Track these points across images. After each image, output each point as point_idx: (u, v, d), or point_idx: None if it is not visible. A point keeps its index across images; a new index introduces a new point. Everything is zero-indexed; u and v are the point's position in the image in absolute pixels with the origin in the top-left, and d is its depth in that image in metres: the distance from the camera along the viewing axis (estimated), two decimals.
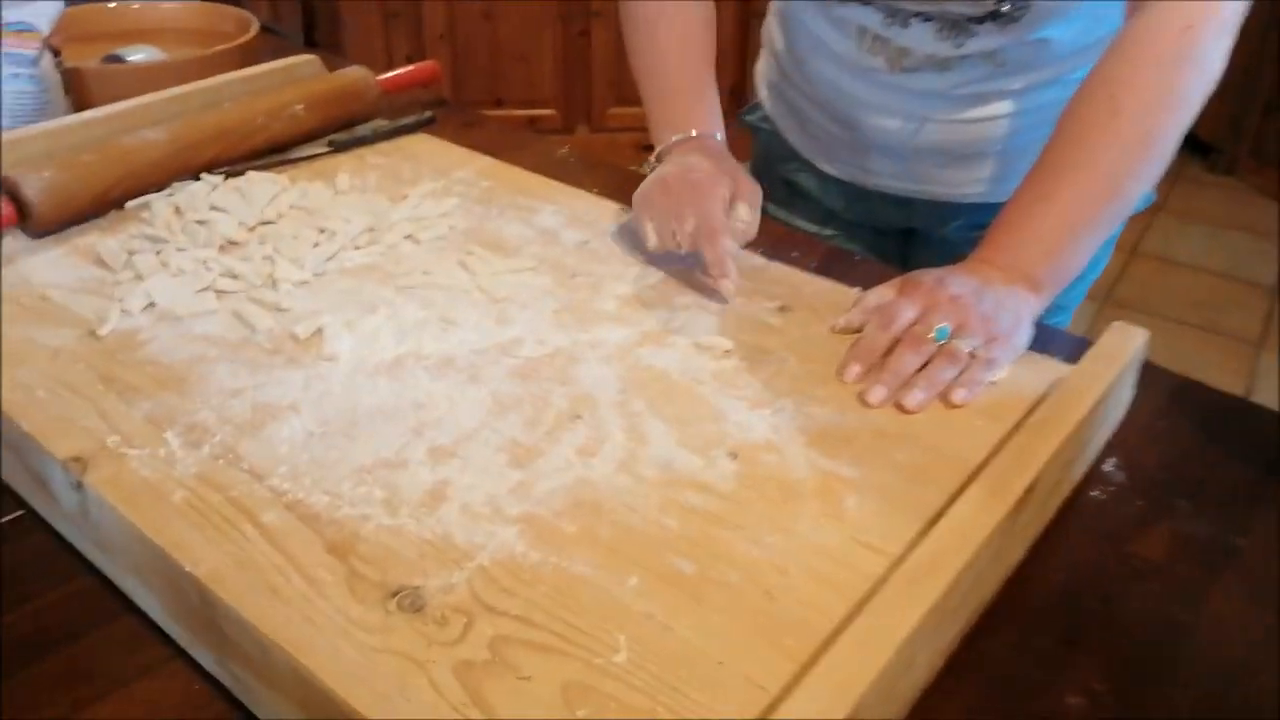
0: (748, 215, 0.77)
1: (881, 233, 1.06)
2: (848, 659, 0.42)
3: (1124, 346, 0.62)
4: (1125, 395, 0.66)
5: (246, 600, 0.41)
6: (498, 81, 2.89)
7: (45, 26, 0.89)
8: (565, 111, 2.95)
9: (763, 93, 1.07)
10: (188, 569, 0.42)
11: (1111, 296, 2.45)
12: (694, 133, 0.82)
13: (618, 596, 0.49)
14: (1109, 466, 0.63)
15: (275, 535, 0.51)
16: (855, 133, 0.95)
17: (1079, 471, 0.61)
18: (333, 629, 0.45)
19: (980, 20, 0.82)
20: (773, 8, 1.02)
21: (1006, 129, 0.89)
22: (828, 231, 1.06)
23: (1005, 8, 0.80)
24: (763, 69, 1.07)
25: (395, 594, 0.48)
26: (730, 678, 0.45)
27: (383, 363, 0.65)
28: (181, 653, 0.48)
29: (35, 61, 0.89)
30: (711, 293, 0.73)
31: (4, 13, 0.86)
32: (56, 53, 0.92)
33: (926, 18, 0.83)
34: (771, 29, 1.03)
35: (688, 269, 0.76)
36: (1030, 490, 0.51)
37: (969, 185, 0.94)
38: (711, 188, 0.75)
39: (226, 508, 0.53)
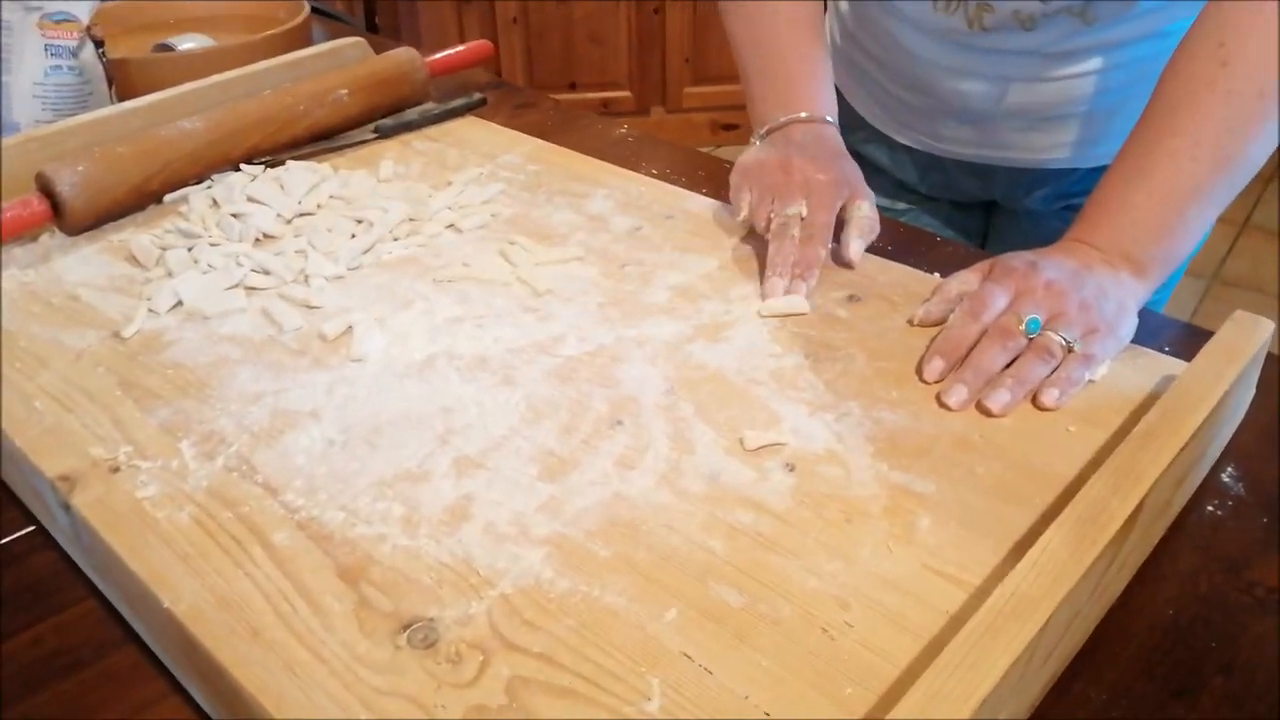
0: (869, 210, 0.70)
1: (960, 206, 0.98)
2: (919, 716, 0.35)
3: (1246, 340, 0.54)
4: (1246, 396, 0.57)
5: (224, 642, 0.37)
6: (571, 64, 2.85)
7: (84, 16, 0.86)
8: (640, 93, 2.90)
9: None
10: (165, 605, 0.38)
11: (1219, 274, 2.29)
12: (803, 114, 0.74)
13: (653, 633, 0.43)
14: (1226, 477, 0.55)
15: (284, 558, 0.47)
16: (930, 98, 0.87)
17: (1192, 486, 0.53)
18: (325, 672, 0.40)
19: None
20: None
21: (1094, 87, 0.80)
22: (901, 205, 0.98)
23: None
24: (826, 32, 1.00)
25: (406, 627, 0.43)
26: None
27: (413, 363, 0.60)
28: (179, 688, 0.45)
29: (75, 52, 0.86)
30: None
31: (44, 4, 0.84)
32: (100, 43, 0.89)
33: None
34: None
35: (749, 255, 0.70)
36: (1135, 515, 0.43)
37: (1053, 150, 0.86)
38: (833, 189, 0.69)
39: (235, 526, 0.49)
